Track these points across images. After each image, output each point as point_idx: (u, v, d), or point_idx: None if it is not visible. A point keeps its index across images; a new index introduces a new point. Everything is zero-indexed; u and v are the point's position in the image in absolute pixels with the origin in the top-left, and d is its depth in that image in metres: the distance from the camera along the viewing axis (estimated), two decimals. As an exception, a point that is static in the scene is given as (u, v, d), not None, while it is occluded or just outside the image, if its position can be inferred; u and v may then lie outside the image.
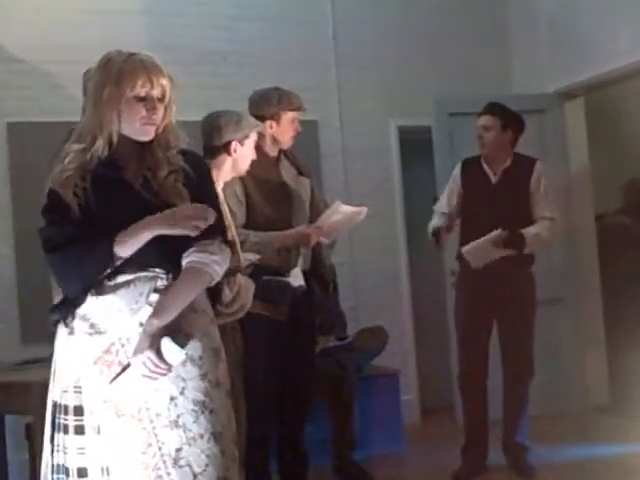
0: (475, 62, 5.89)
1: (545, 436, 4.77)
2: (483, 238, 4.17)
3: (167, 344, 2.18)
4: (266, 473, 3.83)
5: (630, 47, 5.00)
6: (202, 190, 2.37)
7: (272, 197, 3.76)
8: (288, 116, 3.82)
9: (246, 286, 3.20)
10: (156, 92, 2.28)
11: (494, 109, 4.36)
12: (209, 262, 2.27)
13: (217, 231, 2.32)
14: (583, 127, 5.85)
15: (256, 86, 3.98)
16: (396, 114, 5.80)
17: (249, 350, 3.41)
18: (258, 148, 3.61)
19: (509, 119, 4.36)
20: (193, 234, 2.21)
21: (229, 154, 3.43)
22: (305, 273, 3.88)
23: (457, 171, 4.54)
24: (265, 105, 3.81)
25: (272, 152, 3.86)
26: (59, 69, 4.87)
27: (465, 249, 4.27)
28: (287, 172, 3.92)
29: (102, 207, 2.25)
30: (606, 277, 5.81)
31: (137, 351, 2.18)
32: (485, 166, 4.41)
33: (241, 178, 3.64)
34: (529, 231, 4.25)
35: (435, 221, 4.45)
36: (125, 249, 2.20)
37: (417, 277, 5.95)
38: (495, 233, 4.13)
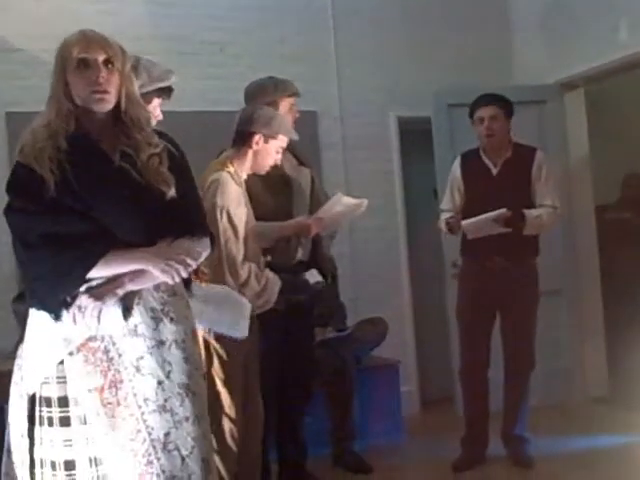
0: (475, 53, 5.87)
1: (544, 427, 4.77)
2: (485, 215, 4.15)
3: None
4: (265, 463, 3.83)
5: (630, 38, 4.99)
6: (183, 176, 2.36)
7: (272, 187, 3.75)
8: (285, 103, 3.84)
9: (273, 281, 3.24)
10: (98, 56, 2.25)
11: (497, 100, 4.33)
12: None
13: (201, 228, 2.33)
14: (583, 118, 5.83)
15: (254, 77, 3.97)
16: (396, 105, 5.77)
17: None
18: None
19: (509, 108, 4.35)
20: (171, 282, 2.22)
21: (250, 146, 3.43)
22: (304, 264, 3.88)
23: (456, 165, 4.51)
24: (261, 94, 3.81)
25: None
26: (58, 59, 4.85)
27: (465, 222, 4.25)
28: (287, 162, 3.91)
29: (80, 179, 2.20)
30: (605, 269, 5.80)
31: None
32: (485, 158, 4.39)
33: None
34: (531, 213, 4.25)
35: (443, 219, 4.44)
36: (105, 271, 2.19)
37: (417, 268, 5.94)
38: (499, 211, 4.12)
